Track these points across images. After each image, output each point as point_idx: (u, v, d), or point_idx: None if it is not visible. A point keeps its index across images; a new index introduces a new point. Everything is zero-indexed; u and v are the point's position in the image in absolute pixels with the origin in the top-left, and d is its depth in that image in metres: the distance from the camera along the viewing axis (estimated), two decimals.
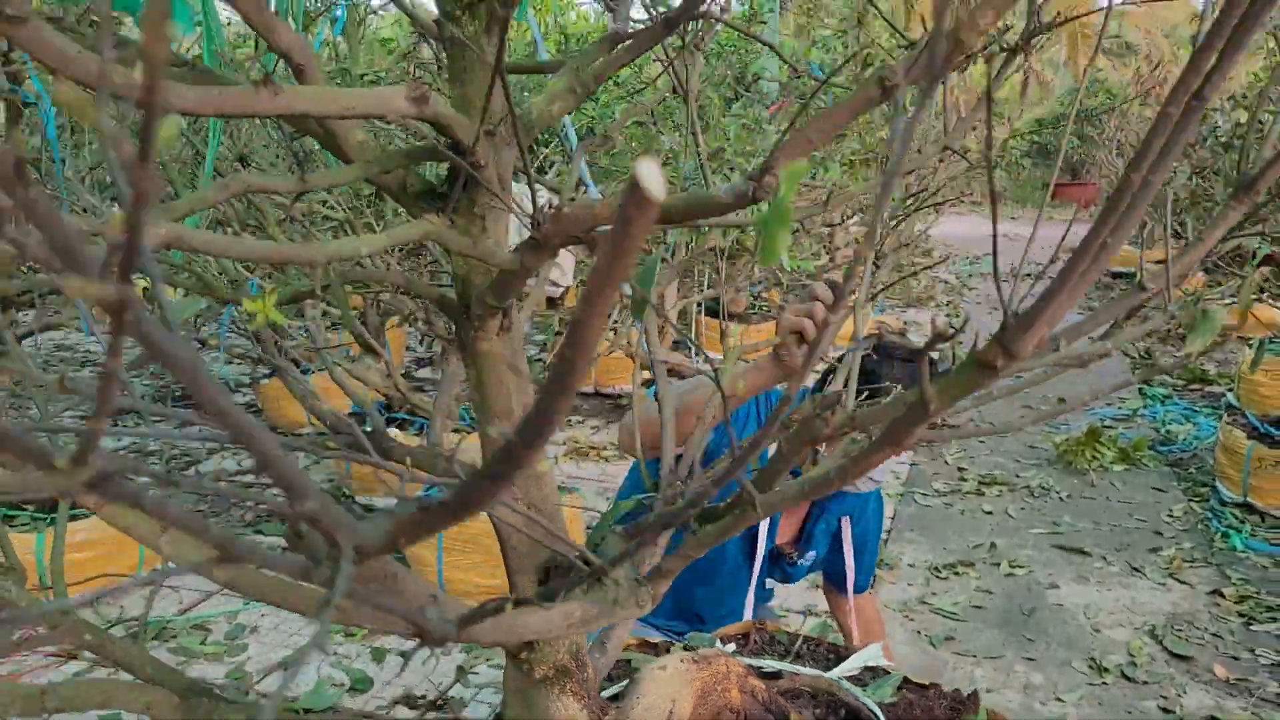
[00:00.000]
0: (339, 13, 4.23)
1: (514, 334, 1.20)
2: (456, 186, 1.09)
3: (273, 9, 0.94)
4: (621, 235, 0.30)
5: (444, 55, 1.14)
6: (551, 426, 0.37)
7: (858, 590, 2.38)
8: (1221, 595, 3.53)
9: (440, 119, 0.97)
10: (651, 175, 0.29)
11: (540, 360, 5.40)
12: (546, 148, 4.81)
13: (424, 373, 6.09)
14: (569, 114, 1.42)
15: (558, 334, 5.42)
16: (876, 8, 1.95)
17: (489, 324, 1.14)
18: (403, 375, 5.55)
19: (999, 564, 3.82)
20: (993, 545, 3.99)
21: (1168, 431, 5.36)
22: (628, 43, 1.27)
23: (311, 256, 0.74)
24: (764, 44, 1.51)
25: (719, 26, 1.66)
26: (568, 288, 4.88)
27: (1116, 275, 9.43)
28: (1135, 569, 3.79)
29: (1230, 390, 5.45)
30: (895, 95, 0.90)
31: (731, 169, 5.41)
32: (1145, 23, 25.05)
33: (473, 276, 1.17)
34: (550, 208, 1.02)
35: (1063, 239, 0.82)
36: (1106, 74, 20.60)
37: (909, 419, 0.75)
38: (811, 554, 2.29)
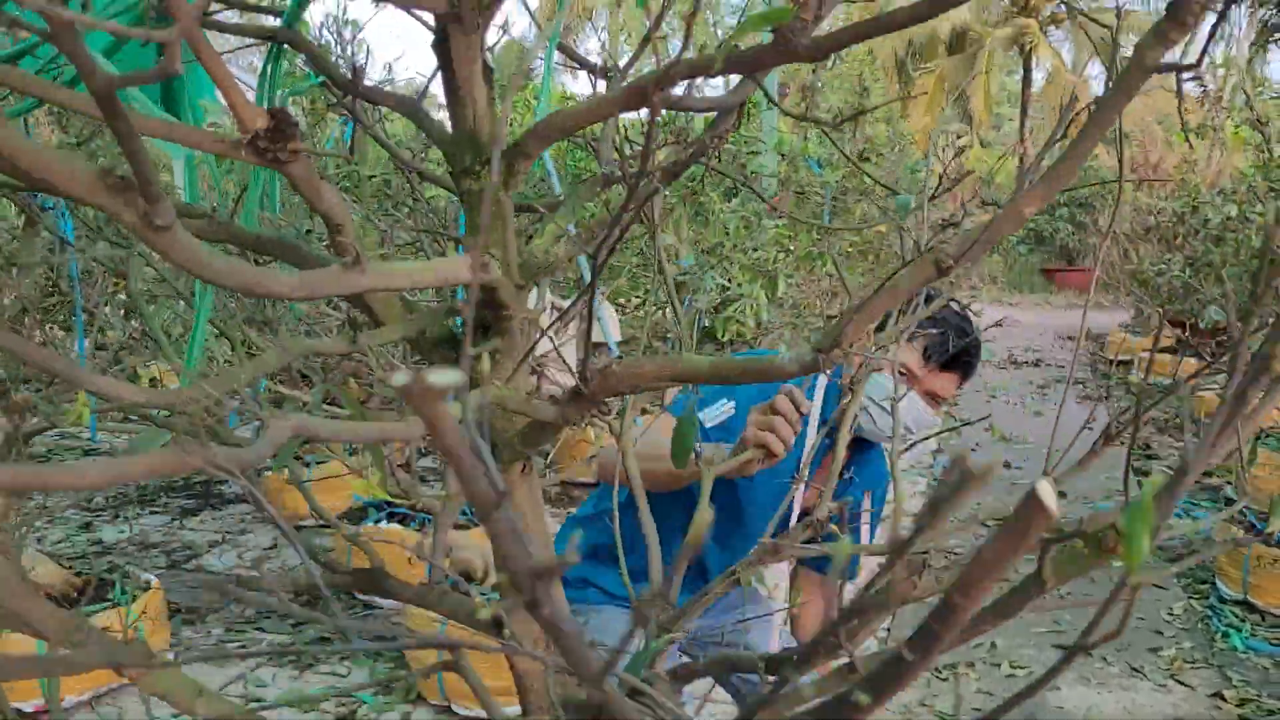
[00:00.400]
0: (350, 125, 4.34)
1: (532, 474, 1.23)
2: (496, 336, 1.15)
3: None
4: (1017, 537, 0.36)
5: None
6: (925, 668, 0.41)
7: (852, 577, 2.32)
8: (1223, 698, 3.52)
9: (492, 283, 1.05)
10: (1048, 495, 0.36)
11: (544, 453, 5.43)
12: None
13: (425, 462, 6.11)
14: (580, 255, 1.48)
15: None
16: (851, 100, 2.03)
17: (511, 467, 1.18)
18: (403, 466, 5.58)
19: (999, 664, 3.82)
20: (993, 645, 3.99)
21: (1167, 525, 5.37)
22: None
23: (410, 433, 0.80)
24: (749, 186, 1.57)
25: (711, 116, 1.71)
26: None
27: (1115, 364, 9.49)
28: (1135, 670, 3.78)
29: (1229, 483, 5.48)
30: (950, 273, 0.98)
31: (730, 263, 5.51)
32: (1138, 109, 25.54)
33: (494, 421, 1.20)
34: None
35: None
36: (1100, 160, 20.95)
37: (1021, 593, 0.81)
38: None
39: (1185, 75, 0.94)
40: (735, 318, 4.83)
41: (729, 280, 5.14)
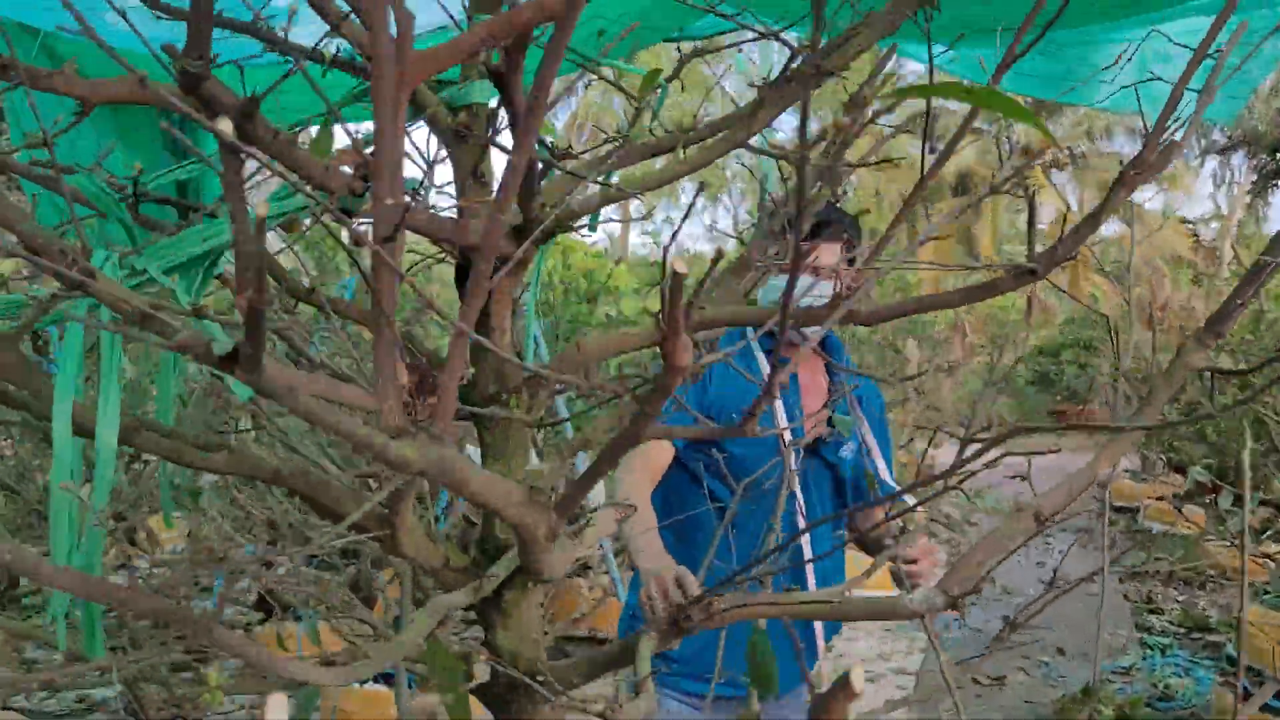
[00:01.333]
0: (350, 280, 4.49)
1: (559, 711, 1.25)
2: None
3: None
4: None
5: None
6: None
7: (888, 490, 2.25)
8: None
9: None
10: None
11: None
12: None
13: None
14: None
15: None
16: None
17: (542, 706, 1.20)
18: (394, 623, 5.54)
19: None
20: None
21: (1166, 686, 5.28)
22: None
23: None
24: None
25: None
26: None
27: (1119, 510, 9.43)
28: None
29: (1230, 640, 5.41)
30: (1045, 526, 1.08)
31: None
32: (1144, 248, 25.83)
33: (523, 650, 1.21)
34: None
35: None
36: (1105, 299, 21.03)
37: None
38: (850, 445, 2.20)
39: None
40: None
41: None
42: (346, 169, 1.04)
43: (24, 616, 4.60)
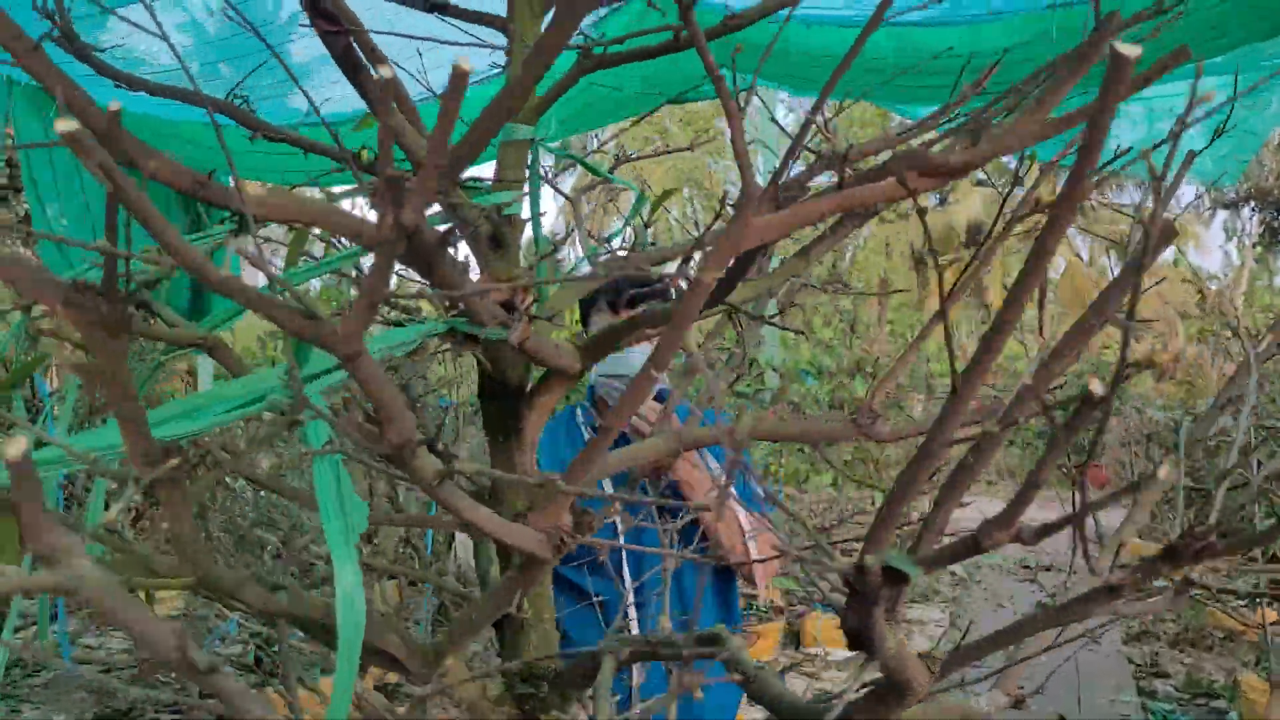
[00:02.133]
0: None
1: None
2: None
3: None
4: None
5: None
6: None
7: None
8: None
9: None
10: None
11: None
12: None
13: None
14: None
15: None
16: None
17: None
18: (381, 688, 5.45)
19: None
20: None
21: None
22: None
23: None
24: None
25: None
26: None
27: (1127, 567, 9.30)
28: None
29: (1235, 709, 5.30)
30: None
31: None
32: (1154, 299, 25.81)
33: None
34: None
35: None
36: (1111, 353, 21.02)
37: None
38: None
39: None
40: None
41: None
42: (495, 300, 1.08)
43: None
